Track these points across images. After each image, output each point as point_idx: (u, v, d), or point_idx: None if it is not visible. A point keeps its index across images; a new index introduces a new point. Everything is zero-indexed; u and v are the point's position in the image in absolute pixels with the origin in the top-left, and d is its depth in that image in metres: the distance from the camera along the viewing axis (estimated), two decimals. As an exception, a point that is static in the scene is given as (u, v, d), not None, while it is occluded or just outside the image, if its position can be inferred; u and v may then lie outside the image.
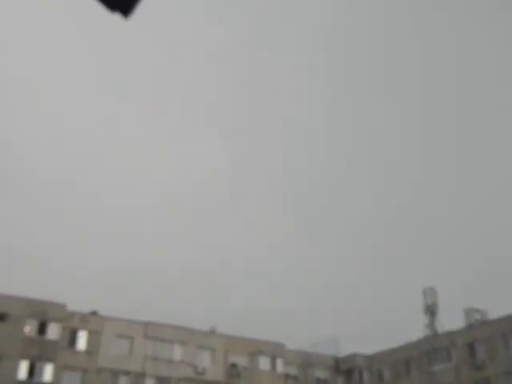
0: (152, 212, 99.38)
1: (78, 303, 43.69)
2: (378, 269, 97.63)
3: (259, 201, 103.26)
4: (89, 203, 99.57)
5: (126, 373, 42.89)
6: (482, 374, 43.43)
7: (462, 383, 44.55)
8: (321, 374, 52.55)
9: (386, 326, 73.99)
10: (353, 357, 52.75)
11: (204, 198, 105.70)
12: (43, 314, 40.73)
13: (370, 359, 52.72)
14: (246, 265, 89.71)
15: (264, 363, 48.62)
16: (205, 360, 46.64)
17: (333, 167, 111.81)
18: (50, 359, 39.95)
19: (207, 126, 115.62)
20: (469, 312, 47.48)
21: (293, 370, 50.81)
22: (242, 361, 48.14)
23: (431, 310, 52.02)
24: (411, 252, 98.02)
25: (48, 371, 39.76)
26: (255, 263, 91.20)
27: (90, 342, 42.38)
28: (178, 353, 45.54)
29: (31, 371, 39.19)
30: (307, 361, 51.98)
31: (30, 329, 40.19)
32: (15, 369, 38.55)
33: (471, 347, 44.93)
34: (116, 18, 3.97)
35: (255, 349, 48.62)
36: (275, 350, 49.50)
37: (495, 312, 46.14)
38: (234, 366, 47.66)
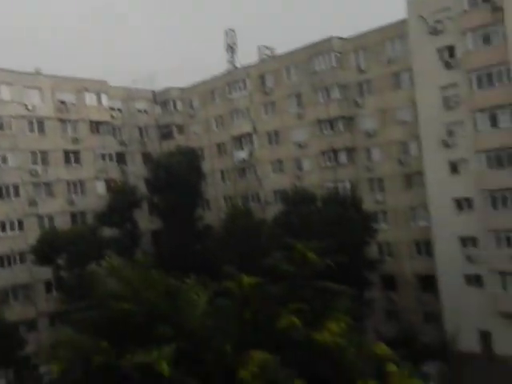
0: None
1: None
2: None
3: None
4: None
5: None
6: (270, 98, 52.50)
7: (254, 106, 53.60)
8: (141, 105, 58.58)
9: (196, 65, 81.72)
10: (168, 90, 59.50)
11: None
12: None
13: (183, 91, 59.73)
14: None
15: (90, 99, 52.17)
16: (34, 99, 48.41)
17: None
18: None
19: None
20: (261, 49, 54.63)
21: (116, 104, 55.51)
22: (69, 98, 50.97)
23: (231, 49, 59.36)
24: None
25: None
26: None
27: None
28: (5, 93, 46.63)
29: None
30: (129, 95, 57.05)
31: None
32: None
33: (262, 78, 52.98)
34: None
35: (80, 87, 51.59)
36: (99, 87, 52.96)
37: (282, 48, 54.35)
38: (62, 102, 50.56)
